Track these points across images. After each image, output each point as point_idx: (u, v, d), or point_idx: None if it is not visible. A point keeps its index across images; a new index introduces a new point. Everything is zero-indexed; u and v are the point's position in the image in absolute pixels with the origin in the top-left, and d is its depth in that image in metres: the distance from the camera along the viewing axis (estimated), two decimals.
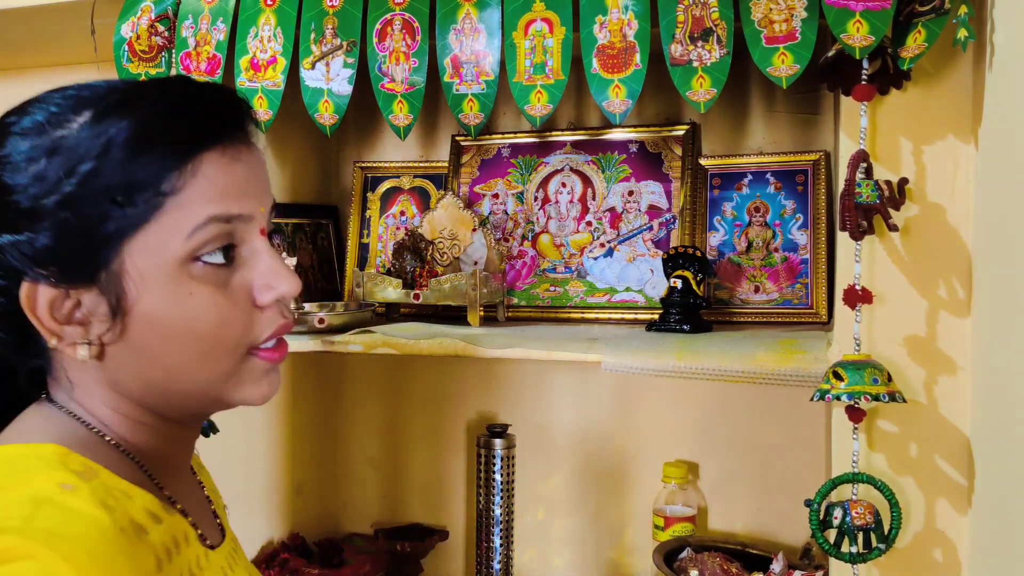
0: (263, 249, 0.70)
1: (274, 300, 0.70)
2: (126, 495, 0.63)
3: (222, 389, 0.70)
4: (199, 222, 0.66)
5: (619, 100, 1.04)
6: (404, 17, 1.13)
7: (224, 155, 0.68)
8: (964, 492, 0.92)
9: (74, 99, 0.67)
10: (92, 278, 0.65)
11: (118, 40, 1.21)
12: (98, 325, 0.66)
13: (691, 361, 1.03)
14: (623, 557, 1.50)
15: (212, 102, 0.69)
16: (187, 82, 0.70)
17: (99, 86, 0.69)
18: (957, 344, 0.92)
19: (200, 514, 0.75)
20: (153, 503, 0.65)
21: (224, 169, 0.68)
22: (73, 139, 0.65)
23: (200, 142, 0.67)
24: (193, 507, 0.74)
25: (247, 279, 0.70)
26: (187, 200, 0.66)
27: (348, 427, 1.67)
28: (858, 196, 0.90)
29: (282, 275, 0.70)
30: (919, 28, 0.87)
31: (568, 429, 1.52)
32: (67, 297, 0.66)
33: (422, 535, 1.55)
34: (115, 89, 0.68)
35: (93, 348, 0.67)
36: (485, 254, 1.36)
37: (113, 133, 0.64)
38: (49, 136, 0.66)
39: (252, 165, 0.71)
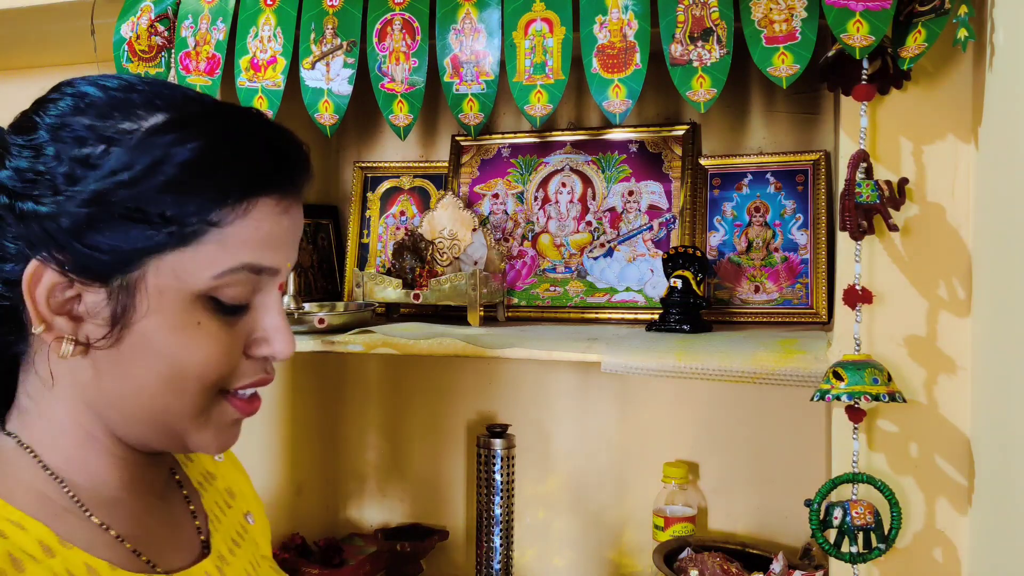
0: (273, 304, 0.70)
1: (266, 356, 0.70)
2: (18, 527, 0.62)
3: (186, 426, 0.68)
4: (233, 265, 0.65)
5: (619, 100, 1.04)
6: (404, 17, 1.13)
7: (278, 205, 0.67)
8: (964, 492, 0.92)
9: (150, 95, 0.65)
10: (105, 279, 0.64)
11: (118, 40, 1.21)
12: (93, 327, 0.65)
13: (691, 361, 1.03)
14: (623, 557, 1.50)
15: (282, 147, 0.69)
16: (260, 118, 0.69)
17: (176, 91, 0.67)
18: (957, 344, 0.92)
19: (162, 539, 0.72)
20: (48, 536, 0.63)
21: (274, 218, 0.67)
22: (139, 139, 0.63)
23: (262, 184, 0.66)
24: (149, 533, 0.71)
25: (249, 326, 0.69)
26: (229, 238, 0.65)
27: (348, 427, 1.67)
28: (858, 196, 0.90)
29: (283, 336, 0.70)
30: (919, 28, 0.87)
31: (568, 429, 1.52)
32: (70, 287, 0.64)
33: (422, 535, 1.55)
34: (192, 100, 0.67)
35: (78, 347, 0.65)
36: (485, 254, 1.36)
37: (181, 149, 0.63)
38: (114, 123, 0.64)
39: (296, 221, 0.70)
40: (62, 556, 0.63)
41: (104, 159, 0.62)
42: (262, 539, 0.87)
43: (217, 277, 0.65)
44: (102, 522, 0.67)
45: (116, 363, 0.65)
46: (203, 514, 0.78)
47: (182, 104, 0.66)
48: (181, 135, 0.63)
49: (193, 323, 0.65)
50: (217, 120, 0.66)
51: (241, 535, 0.81)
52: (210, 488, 0.82)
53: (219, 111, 0.67)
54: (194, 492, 0.80)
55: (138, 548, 0.69)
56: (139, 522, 0.70)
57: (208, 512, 0.79)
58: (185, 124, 0.64)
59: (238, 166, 0.65)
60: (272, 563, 0.87)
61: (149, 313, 0.64)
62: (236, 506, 0.84)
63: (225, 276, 0.65)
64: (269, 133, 0.68)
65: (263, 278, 0.68)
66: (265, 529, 0.89)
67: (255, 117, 0.69)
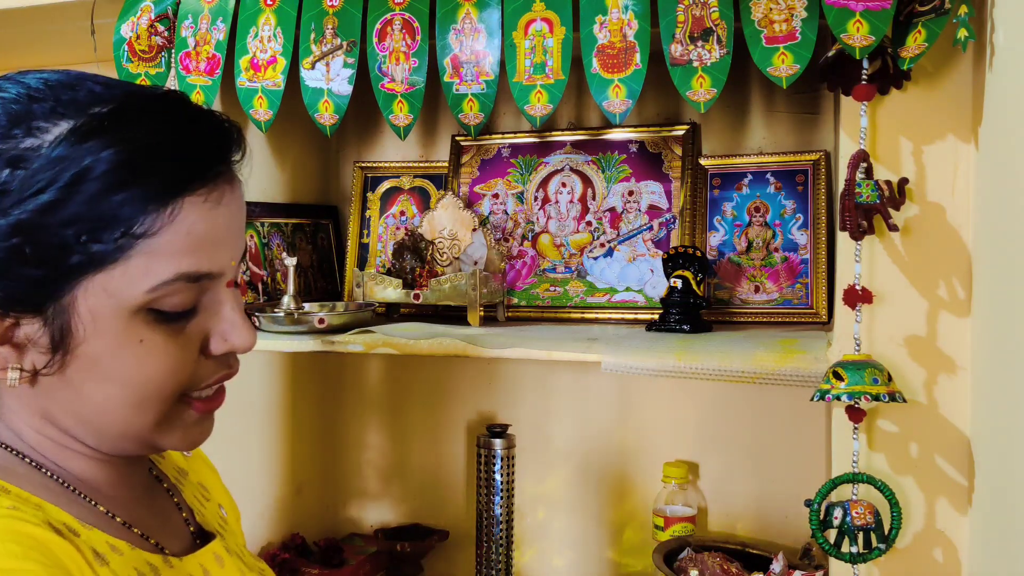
0: (225, 300, 0.66)
1: (227, 352, 0.67)
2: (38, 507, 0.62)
3: (152, 435, 0.66)
4: (166, 278, 0.61)
5: (619, 100, 1.04)
6: (404, 17, 1.13)
7: (208, 200, 0.63)
8: (964, 492, 0.92)
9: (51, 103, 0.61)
10: (37, 308, 0.61)
11: (118, 40, 1.21)
12: (35, 355, 0.62)
13: (691, 361, 1.03)
14: (623, 557, 1.50)
15: (201, 133, 0.64)
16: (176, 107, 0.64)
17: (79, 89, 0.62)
18: (957, 344, 0.92)
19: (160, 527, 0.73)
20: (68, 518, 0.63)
21: (205, 216, 0.62)
22: (44, 158, 0.58)
23: (185, 181, 0.61)
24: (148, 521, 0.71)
25: (204, 326, 0.66)
26: (159, 248, 0.60)
27: (348, 427, 1.67)
28: (858, 196, 0.90)
29: (241, 329, 0.67)
30: (919, 28, 0.87)
31: (568, 429, 1.52)
32: (5, 316, 0.61)
33: (422, 535, 1.55)
34: (98, 100, 0.61)
35: (24, 375, 0.62)
36: (485, 254, 1.36)
37: (90, 162, 0.58)
38: (15, 143, 0.59)
39: (234, 210, 0.66)
40: (85, 536, 0.63)
41: (10, 184, 0.58)
42: (237, 530, 0.88)
43: (151, 291, 0.61)
44: (107, 510, 0.68)
45: (68, 388, 0.63)
46: (187, 506, 0.79)
47: (85, 106, 0.61)
48: (88, 146, 0.59)
49: (135, 341, 0.62)
50: (124, 121, 0.61)
51: (223, 526, 0.82)
52: (186, 483, 0.83)
53: (126, 108, 0.62)
54: (174, 487, 0.80)
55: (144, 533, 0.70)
56: (136, 511, 0.71)
57: (191, 505, 0.80)
58: (91, 132, 0.59)
59: (155, 167, 0.60)
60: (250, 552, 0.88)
61: (88, 337, 0.61)
62: (212, 499, 0.85)
63: (160, 289, 0.61)
64: (184, 121, 0.63)
65: (204, 283, 0.64)
66: (237, 520, 0.90)
67: (170, 106, 0.64)
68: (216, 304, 0.66)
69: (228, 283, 0.67)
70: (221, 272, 0.65)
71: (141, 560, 0.66)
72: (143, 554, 0.67)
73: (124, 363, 0.62)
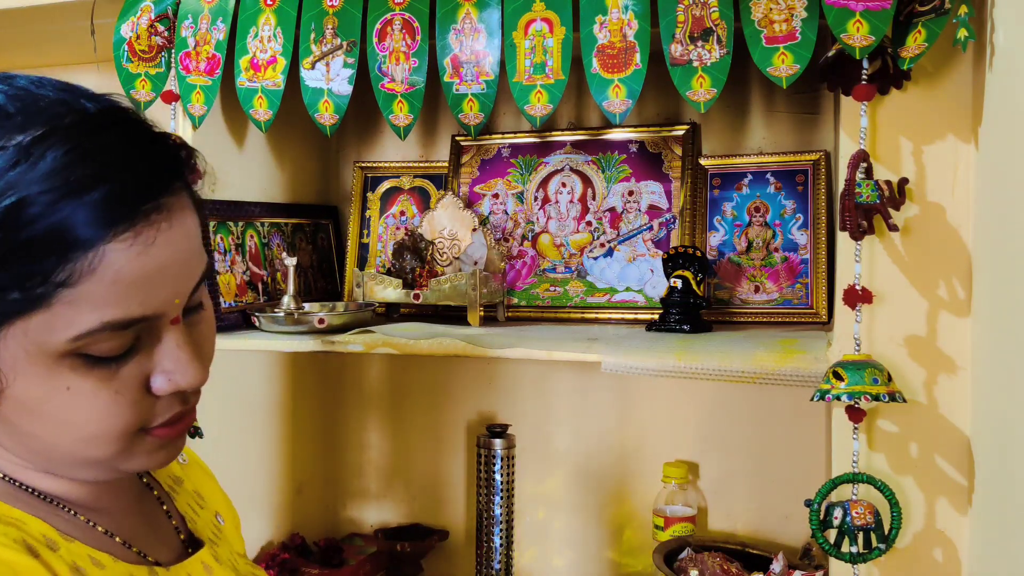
0: (169, 338, 0.61)
1: (172, 392, 0.62)
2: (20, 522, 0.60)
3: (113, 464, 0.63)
4: (91, 327, 0.56)
5: (619, 100, 1.04)
6: (404, 17, 1.13)
7: (134, 244, 0.56)
8: (964, 492, 0.92)
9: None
10: None
11: (118, 40, 1.21)
12: None
13: (691, 361, 1.03)
14: (623, 557, 1.50)
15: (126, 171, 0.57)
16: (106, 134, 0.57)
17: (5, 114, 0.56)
18: (957, 344, 0.92)
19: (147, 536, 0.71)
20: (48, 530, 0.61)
21: (132, 261, 0.56)
22: None
23: (102, 230, 0.55)
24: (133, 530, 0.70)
25: (144, 367, 0.61)
26: (81, 297, 0.55)
27: (348, 427, 1.67)
28: (858, 196, 0.90)
29: (185, 366, 0.62)
30: (919, 28, 0.87)
31: (568, 429, 1.52)
32: None
33: (422, 535, 1.55)
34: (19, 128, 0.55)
35: None
36: (485, 254, 1.36)
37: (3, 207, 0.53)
38: None
39: (175, 245, 0.59)
40: (66, 548, 0.62)
41: None
42: (234, 537, 0.87)
43: (74, 340, 0.57)
44: (88, 519, 0.67)
45: (11, 426, 0.61)
46: (178, 515, 0.78)
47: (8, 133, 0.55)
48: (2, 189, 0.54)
49: (62, 388, 0.58)
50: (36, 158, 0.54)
51: (216, 535, 0.81)
52: (180, 491, 0.81)
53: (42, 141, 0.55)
54: (166, 495, 0.79)
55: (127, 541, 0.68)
56: (122, 521, 0.70)
57: (183, 513, 0.79)
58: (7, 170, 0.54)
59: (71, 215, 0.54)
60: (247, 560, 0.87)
61: (14, 381, 0.58)
62: (207, 507, 0.83)
63: (83, 338, 0.57)
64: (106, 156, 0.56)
65: (140, 327, 0.59)
66: (236, 527, 0.89)
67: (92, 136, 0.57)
68: (156, 344, 0.61)
69: (173, 321, 0.62)
70: (158, 314, 0.60)
71: (125, 573, 0.65)
72: (127, 566, 0.65)
73: (54, 409, 0.59)
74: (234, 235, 1.35)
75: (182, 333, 0.62)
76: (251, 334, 1.26)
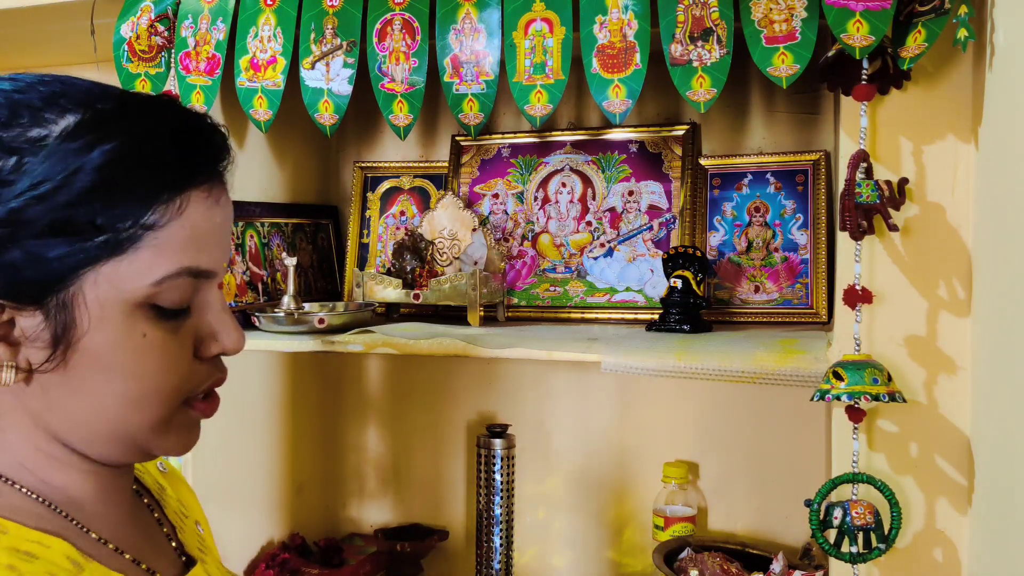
0: (215, 301, 0.66)
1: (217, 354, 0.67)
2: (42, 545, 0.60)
3: (149, 436, 0.65)
4: (171, 271, 0.61)
5: (619, 100, 1.04)
6: (404, 17, 1.13)
7: (209, 197, 0.63)
8: (964, 492, 0.92)
9: (53, 95, 0.60)
10: (38, 301, 0.59)
11: (118, 40, 1.21)
12: (33, 351, 0.60)
13: (691, 361, 1.03)
14: (623, 557, 1.50)
15: (203, 134, 0.64)
16: (174, 106, 0.65)
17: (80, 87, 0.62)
18: (957, 344, 0.92)
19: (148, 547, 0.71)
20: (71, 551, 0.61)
21: (206, 213, 0.63)
22: (54, 147, 0.58)
23: (191, 175, 0.62)
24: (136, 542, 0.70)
25: (195, 328, 0.66)
26: (166, 241, 0.61)
27: (348, 427, 1.67)
28: (858, 196, 0.90)
29: (231, 331, 0.67)
30: (919, 28, 0.87)
31: (568, 429, 1.52)
32: (2, 311, 0.59)
33: (422, 535, 1.55)
34: (102, 96, 0.62)
35: (20, 374, 0.61)
36: (485, 254, 1.36)
37: (101, 151, 0.58)
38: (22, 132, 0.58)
39: (227, 212, 0.67)
40: (89, 570, 0.61)
41: (17, 174, 0.57)
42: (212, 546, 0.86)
43: (156, 284, 0.61)
44: (99, 536, 0.66)
45: (67, 386, 0.62)
46: (169, 523, 0.77)
47: (90, 101, 0.61)
48: (98, 136, 0.59)
49: (139, 335, 0.61)
50: (132, 114, 0.61)
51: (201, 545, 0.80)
52: (165, 498, 0.81)
53: (129, 103, 0.62)
54: (156, 503, 0.79)
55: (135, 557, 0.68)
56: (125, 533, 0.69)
57: (173, 521, 0.78)
58: (100, 124, 0.59)
59: (164, 160, 0.61)
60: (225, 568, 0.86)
61: (92, 329, 0.60)
62: (190, 515, 0.83)
63: (164, 283, 0.61)
64: (186, 121, 0.64)
65: (201, 281, 0.64)
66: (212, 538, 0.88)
67: (169, 105, 0.65)
68: (206, 305, 0.66)
69: (220, 285, 0.68)
70: (216, 271, 0.66)
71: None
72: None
73: (126, 356, 0.61)
74: (234, 235, 1.35)
75: (223, 298, 0.68)
76: (251, 334, 1.26)
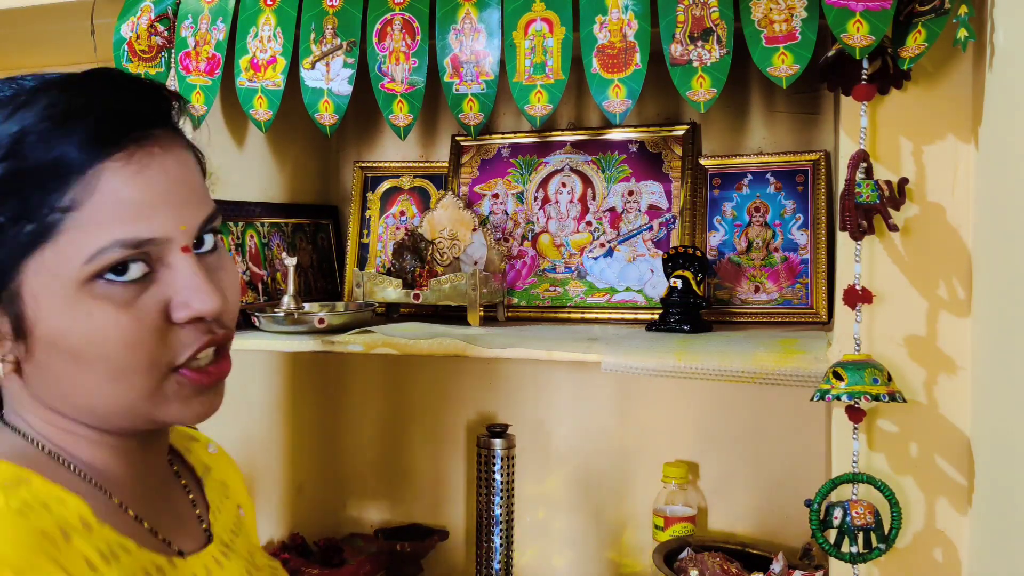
0: (182, 264, 0.64)
1: (191, 318, 0.64)
2: (60, 501, 0.62)
3: (146, 408, 0.65)
4: (102, 246, 0.60)
5: (619, 100, 1.04)
6: (404, 17, 1.13)
7: (130, 163, 0.61)
8: (964, 492, 0.92)
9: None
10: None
11: (118, 40, 1.21)
12: (7, 343, 0.64)
13: (691, 361, 1.03)
14: (623, 557, 1.49)
15: (116, 99, 0.63)
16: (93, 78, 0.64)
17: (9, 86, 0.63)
18: (957, 344, 0.92)
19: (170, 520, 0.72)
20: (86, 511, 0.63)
21: (130, 181, 0.61)
22: None
23: (100, 150, 0.60)
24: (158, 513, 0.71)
25: (163, 295, 0.64)
26: (87, 219, 0.60)
27: (348, 427, 1.67)
28: (858, 196, 0.90)
29: (201, 292, 0.64)
30: (919, 28, 0.87)
31: (568, 429, 1.52)
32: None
33: (422, 535, 1.55)
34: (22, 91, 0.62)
35: (8, 364, 0.64)
36: (485, 254, 1.36)
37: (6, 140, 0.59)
38: None
39: (171, 171, 0.64)
40: (98, 532, 0.63)
41: None
42: (254, 532, 0.88)
43: (89, 261, 0.60)
44: (121, 502, 0.68)
45: (48, 373, 0.64)
46: (204, 503, 0.79)
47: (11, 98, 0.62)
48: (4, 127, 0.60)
49: (83, 316, 0.61)
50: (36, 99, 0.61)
51: (236, 528, 0.82)
52: (208, 479, 0.82)
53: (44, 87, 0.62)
54: (195, 482, 0.80)
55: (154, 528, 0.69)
56: (148, 504, 0.71)
57: (209, 502, 0.79)
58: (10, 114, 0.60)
59: (64, 139, 0.60)
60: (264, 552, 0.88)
61: (40, 317, 0.62)
62: (231, 499, 0.84)
63: (98, 257, 0.60)
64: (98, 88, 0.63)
65: (150, 249, 0.62)
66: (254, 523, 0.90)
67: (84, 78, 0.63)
68: (171, 270, 0.64)
69: (183, 248, 0.64)
70: (167, 237, 0.63)
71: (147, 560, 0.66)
72: (149, 554, 0.66)
73: (79, 340, 0.62)
74: (234, 235, 1.35)
75: (195, 262, 0.65)
76: (251, 334, 1.26)
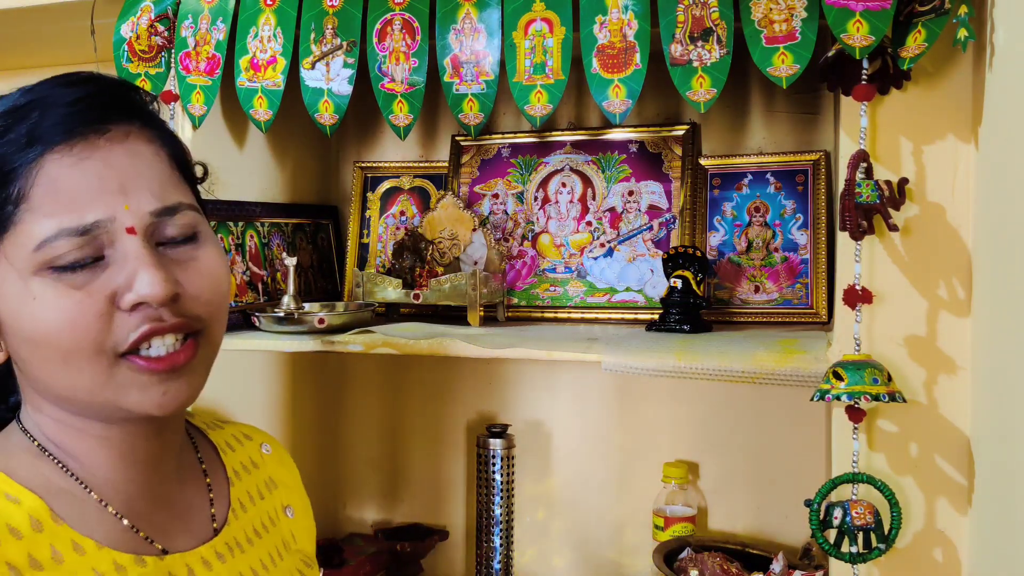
0: (130, 250, 0.66)
1: (136, 303, 0.65)
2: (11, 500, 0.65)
3: (105, 395, 0.67)
4: (48, 234, 0.64)
5: (619, 100, 1.04)
6: (404, 17, 1.13)
7: (69, 155, 0.65)
8: (964, 492, 0.92)
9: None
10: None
11: (118, 40, 1.21)
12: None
13: (691, 361, 1.03)
14: (623, 557, 1.49)
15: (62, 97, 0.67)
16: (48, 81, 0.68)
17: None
18: (957, 344, 0.92)
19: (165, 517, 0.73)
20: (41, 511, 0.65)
21: (70, 171, 0.65)
22: None
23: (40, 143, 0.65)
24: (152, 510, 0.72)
25: (112, 280, 0.65)
26: (34, 209, 0.64)
27: (348, 427, 1.67)
28: (858, 196, 0.90)
29: (143, 277, 0.65)
30: (919, 28, 0.87)
31: (568, 429, 1.52)
32: None
33: (422, 535, 1.55)
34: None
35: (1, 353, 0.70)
36: (485, 254, 1.36)
37: None
38: None
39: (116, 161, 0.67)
40: (50, 531, 0.65)
41: None
42: (302, 535, 0.88)
43: (37, 250, 0.64)
44: (101, 498, 0.69)
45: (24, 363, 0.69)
46: (225, 502, 0.79)
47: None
48: None
49: (29, 300, 0.65)
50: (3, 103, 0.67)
51: (268, 525, 0.81)
52: (246, 477, 0.83)
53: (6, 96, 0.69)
54: (222, 481, 0.80)
55: (137, 525, 0.70)
56: (139, 500, 0.72)
57: (233, 500, 0.79)
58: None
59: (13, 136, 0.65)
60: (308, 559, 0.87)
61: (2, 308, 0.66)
62: (275, 497, 0.84)
63: (45, 247, 0.64)
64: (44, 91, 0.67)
65: (97, 233, 0.65)
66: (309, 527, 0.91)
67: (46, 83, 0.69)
68: (122, 255, 0.66)
69: (129, 229, 0.66)
70: (111, 218, 0.65)
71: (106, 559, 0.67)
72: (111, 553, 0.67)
73: (25, 322, 0.65)
74: (234, 235, 1.35)
75: (143, 246, 0.66)
76: (251, 334, 1.26)
